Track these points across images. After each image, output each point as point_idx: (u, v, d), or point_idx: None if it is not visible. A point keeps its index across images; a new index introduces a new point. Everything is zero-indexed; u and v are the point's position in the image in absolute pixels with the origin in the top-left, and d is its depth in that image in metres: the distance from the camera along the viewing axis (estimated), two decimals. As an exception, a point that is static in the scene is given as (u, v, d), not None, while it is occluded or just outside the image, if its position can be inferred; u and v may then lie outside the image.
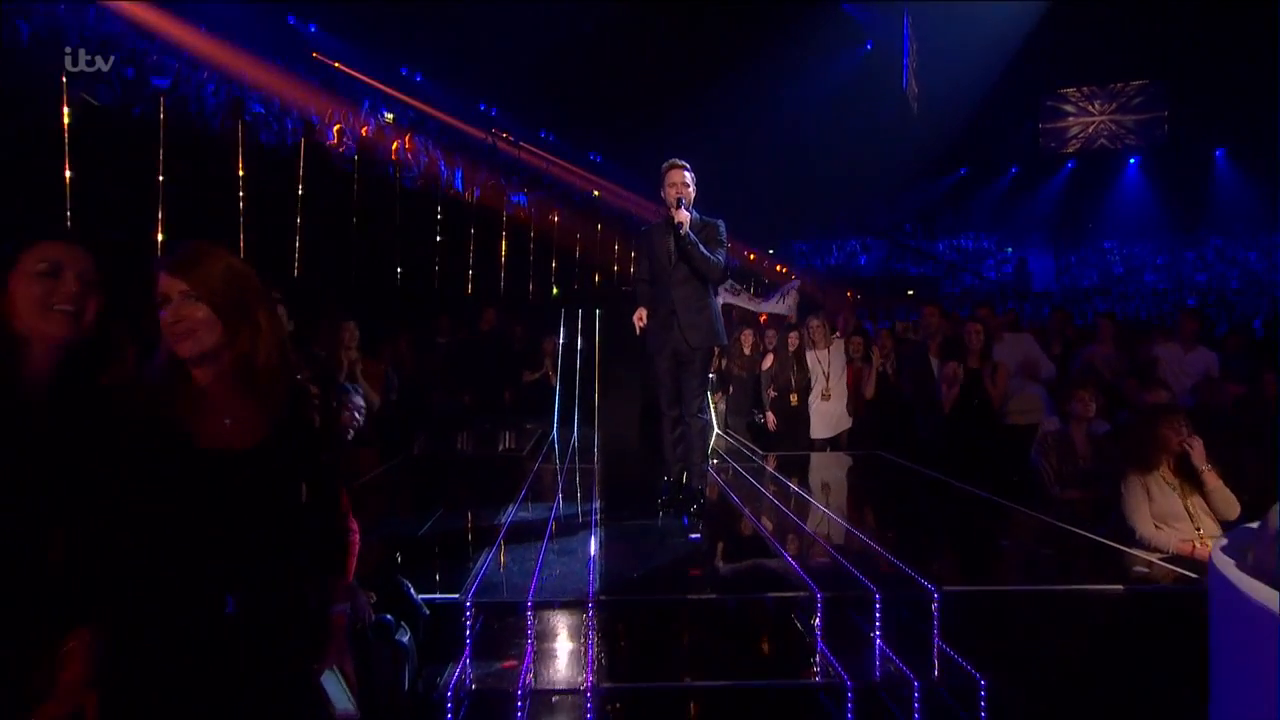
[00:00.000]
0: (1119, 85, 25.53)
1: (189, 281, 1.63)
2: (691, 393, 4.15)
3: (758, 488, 5.04)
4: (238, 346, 1.67)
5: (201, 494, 1.58)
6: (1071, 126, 26.49)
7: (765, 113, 23.46)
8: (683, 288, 4.04)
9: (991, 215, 27.64)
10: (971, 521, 4.33)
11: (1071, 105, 26.39)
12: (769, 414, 6.90)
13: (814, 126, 24.35)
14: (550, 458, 6.23)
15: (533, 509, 4.39)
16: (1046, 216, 26.79)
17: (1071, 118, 26.47)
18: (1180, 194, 24.37)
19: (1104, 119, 26.02)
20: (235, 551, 1.62)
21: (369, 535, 3.70)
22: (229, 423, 1.67)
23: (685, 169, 4.08)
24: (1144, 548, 3.52)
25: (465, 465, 6.20)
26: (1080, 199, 26.26)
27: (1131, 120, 25.56)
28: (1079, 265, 24.84)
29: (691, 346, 4.01)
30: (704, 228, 4.09)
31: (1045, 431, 4.61)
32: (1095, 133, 26.20)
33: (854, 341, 7.16)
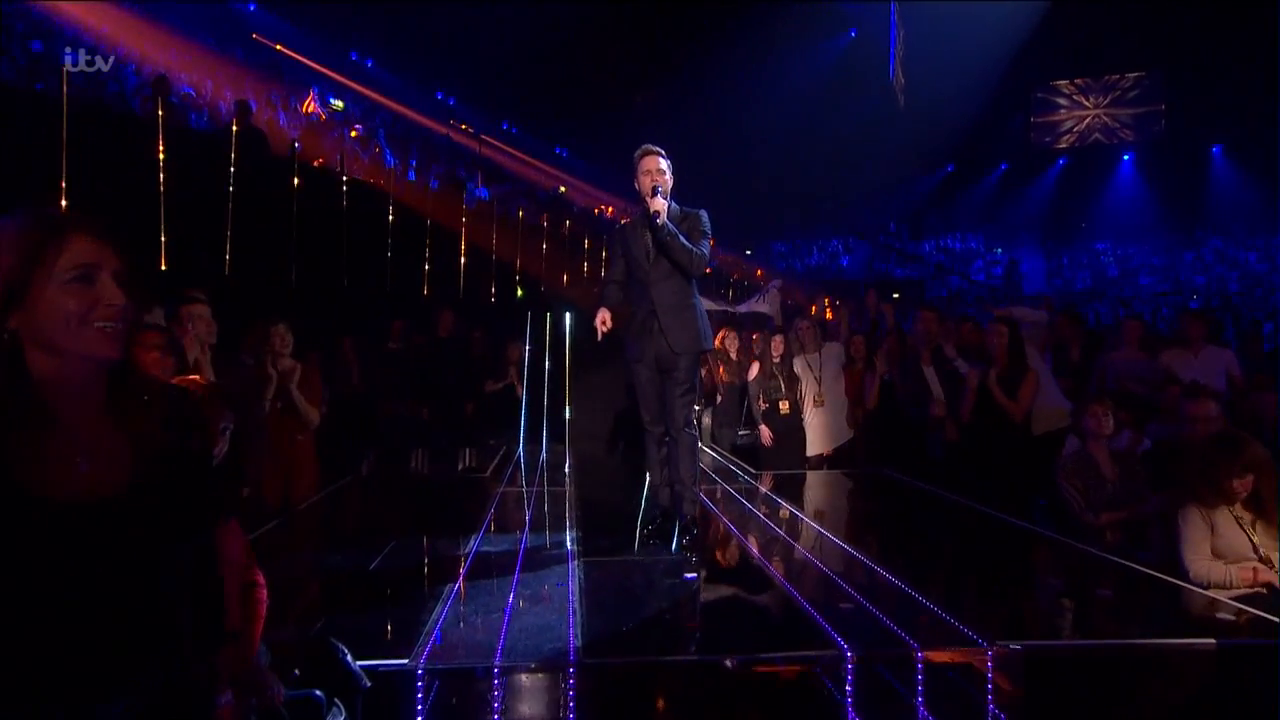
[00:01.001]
0: (1114, 77, 25.71)
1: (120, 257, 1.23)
2: (677, 405, 3.90)
3: (756, 514, 4.69)
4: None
5: (43, 562, 1.16)
6: (1064, 120, 26.64)
7: (741, 105, 23.29)
8: (663, 285, 3.84)
9: (980, 214, 27.72)
10: (1009, 556, 4.05)
11: (1064, 98, 26.55)
12: (763, 428, 6.59)
13: (793, 119, 24.22)
14: (516, 479, 5.89)
15: (498, 542, 4.01)
16: (1037, 216, 26.93)
17: (1064, 111, 26.63)
18: (1176, 192, 24.60)
19: (1099, 112, 26.21)
20: (96, 645, 1.19)
21: (299, 582, 3.34)
22: (84, 463, 1.23)
23: (660, 155, 3.91)
24: (1200, 585, 3.23)
25: (419, 489, 5.88)
26: (1072, 197, 26.42)
27: (1127, 114, 25.75)
28: (1071, 267, 24.95)
29: (674, 351, 3.80)
30: (684, 219, 3.91)
31: (1065, 454, 4.32)
32: (1089, 127, 26.39)
33: (854, 342, 6.92)
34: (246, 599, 2.28)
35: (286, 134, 9.43)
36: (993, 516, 4.40)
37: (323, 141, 10.29)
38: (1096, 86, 26.17)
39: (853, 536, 4.13)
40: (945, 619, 2.77)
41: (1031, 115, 26.93)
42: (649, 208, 3.78)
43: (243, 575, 2.29)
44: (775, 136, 23.85)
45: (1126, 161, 26.31)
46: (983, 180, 28.04)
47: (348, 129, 11.22)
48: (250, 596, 2.29)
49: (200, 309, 3.87)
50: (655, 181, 3.82)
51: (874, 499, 5.29)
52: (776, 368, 6.64)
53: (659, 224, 3.73)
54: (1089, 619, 3.15)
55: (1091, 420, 4.11)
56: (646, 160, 3.89)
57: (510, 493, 5.33)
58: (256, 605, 2.29)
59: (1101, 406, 4.09)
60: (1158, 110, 25.11)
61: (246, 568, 2.32)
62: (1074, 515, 4.17)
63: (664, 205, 3.77)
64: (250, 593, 2.30)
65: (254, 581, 2.33)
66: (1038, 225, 26.82)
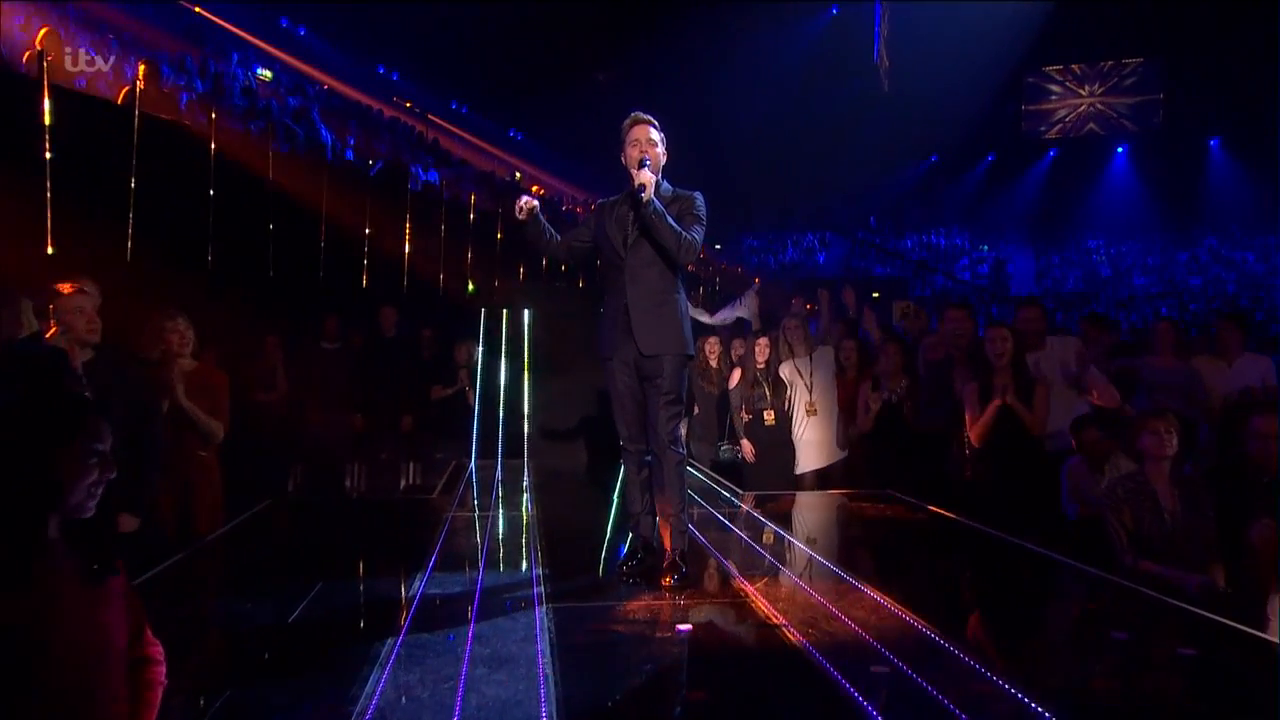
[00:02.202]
0: (1110, 63, 26.00)
1: None
2: (661, 417, 3.60)
3: (753, 546, 4.33)
4: None
5: None
6: (1058, 109, 26.94)
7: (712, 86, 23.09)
8: (641, 275, 3.58)
9: (965, 209, 27.89)
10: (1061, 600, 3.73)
11: (1058, 85, 26.82)
12: (744, 442, 6.28)
13: (768, 103, 24.13)
14: (468, 501, 5.51)
15: (448, 583, 3.61)
16: (1026, 211, 27.16)
17: (1057, 99, 26.88)
18: (1172, 187, 24.98)
19: (1094, 101, 26.48)
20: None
21: (196, 640, 2.92)
22: None
23: (652, 125, 3.67)
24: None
25: (353, 514, 5.46)
26: (1063, 192, 26.69)
27: (1124, 103, 26.07)
28: (1061, 266, 25.17)
29: (644, 354, 3.55)
30: (675, 200, 3.66)
31: (1114, 479, 4.00)
32: (1084, 116, 26.64)
33: (845, 347, 6.61)
34: (137, 681, 1.83)
35: (200, 105, 8.85)
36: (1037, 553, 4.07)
37: (248, 115, 9.72)
38: (1092, 73, 26.49)
39: (874, 575, 3.77)
40: (1002, 688, 2.41)
41: (1023, 103, 27.16)
42: (634, 181, 3.50)
43: (132, 649, 1.83)
44: (748, 121, 23.74)
45: (1120, 154, 26.63)
46: (968, 172, 28.26)
47: (276, 100, 10.67)
48: (142, 677, 1.84)
49: (78, 300, 3.37)
50: (644, 153, 3.58)
51: (888, 527, 4.95)
52: (761, 374, 6.32)
53: (644, 199, 3.44)
54: (1165, 687, 2.82)
55: (1151, 439, 3.79)
56: (636, 130, 3.66)
57: (461, 519, 4.93)
58: (150, 689, 1.84)
59: (1163, 423, 3.78)
60: (1156, 100, 25.50)
61: (136, 638, 1.86)
62: (1114, 553, 3.88)
63: (652, 180, 3.49)
64: (142, 672, 1.84)
65: (147, 657, 1.87)
66: (1026, 221, 27.07)
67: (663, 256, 3.56)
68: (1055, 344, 5.09)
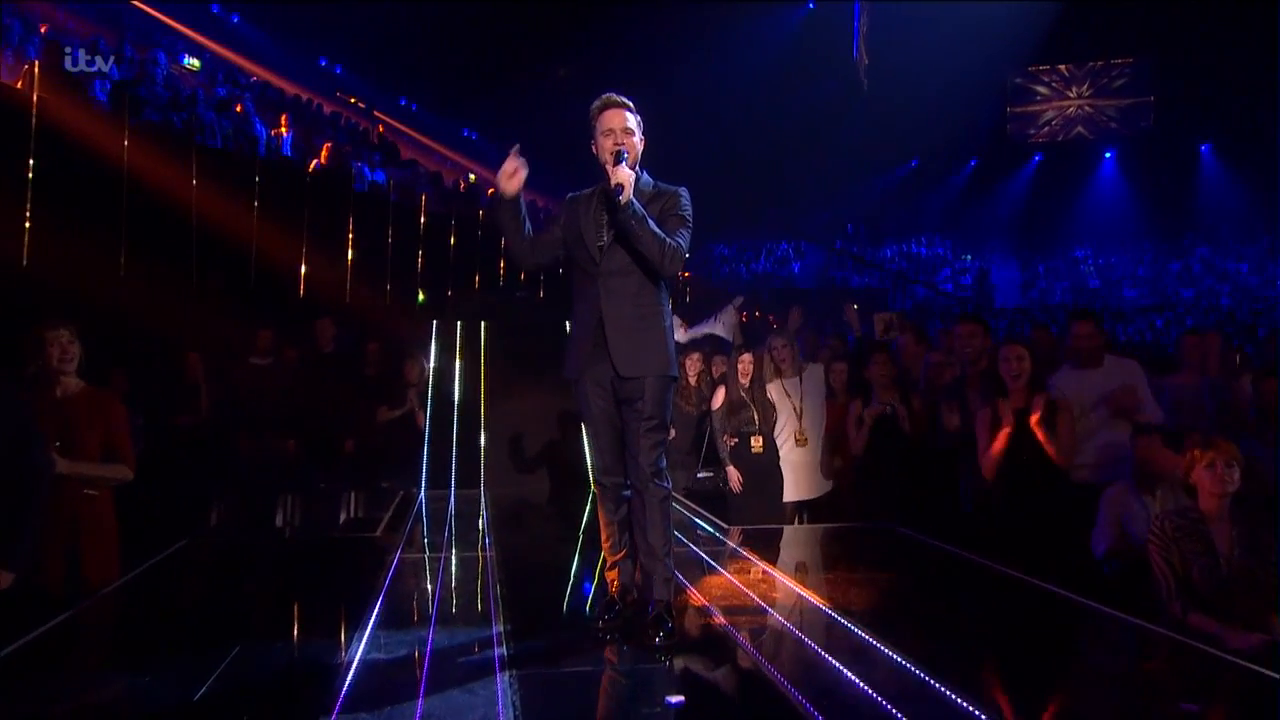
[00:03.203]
0: (1099, 64, 26.32)
1: None
2: (643, 446, 3.33)
3: (748, 594, 4.01)
4: None
5: None
6: (1045, 111, 27.21)
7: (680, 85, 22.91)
8: (617, 285, 3.32)
9: (946, 216, 28.03)
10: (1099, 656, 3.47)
11: (1044, 86, 27.09)
12: (731, 470, 6.03)
13: (740, 102, 24.07)
14: (417, 538, 5.18)
15: (393, 644, 3.25)
16: (1010, 219, 27.36)
17: (1044, 101, 27.15)
18: (1162, 194, 25.33)
19: (1082, 103, 26.77)
20: None
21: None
22: None
23: (628, 109, 3.38)
24: None
25: (284, 555, 5.08)
26: (1049, 199, 26.93)
27: (1113, 105, 26.38)
28: (1048, 277, 25.35)
29: (622, 376, 3.29)
30: (657, 197, 3.38)
31: (1163, 513, 3.72)
32: (1072, 119, 26.93)
33: (836, 369, 6.44)
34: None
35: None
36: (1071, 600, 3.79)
37: (171, 104, 9.32)
38: (1080, 74, 26.81)
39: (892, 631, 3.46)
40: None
41: (1008, 104, 27.37)
42: (609, 179, 3.20)
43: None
44: (719, 121, 23.65)
45: (1108, 159, 26.95)
46: (951, 178, 28.45)
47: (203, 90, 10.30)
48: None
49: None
50: (619, 144, 3.28)
51: (897, 568, 4.65)
52: (747, 394, 6.08)
53: (621, 201, 3.14)
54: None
55: (1208, 474, 3.52)
56: (609, 115, 3.36)
57: (409, 561, 4.57)
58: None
59: (1224, 454, 3.51)
60: (1146, 102, 25.84)
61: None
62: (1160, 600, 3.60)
63: (630, 177, 3.20)
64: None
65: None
66: (1011, 229, 27.25)
67: (641, 264, 3.29)
68: (1113, 364, 4.90)
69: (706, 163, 23.98)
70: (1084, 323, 4.97)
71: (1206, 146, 25.37)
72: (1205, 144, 25.38)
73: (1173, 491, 4.06)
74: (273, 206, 8.87)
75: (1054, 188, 27.00)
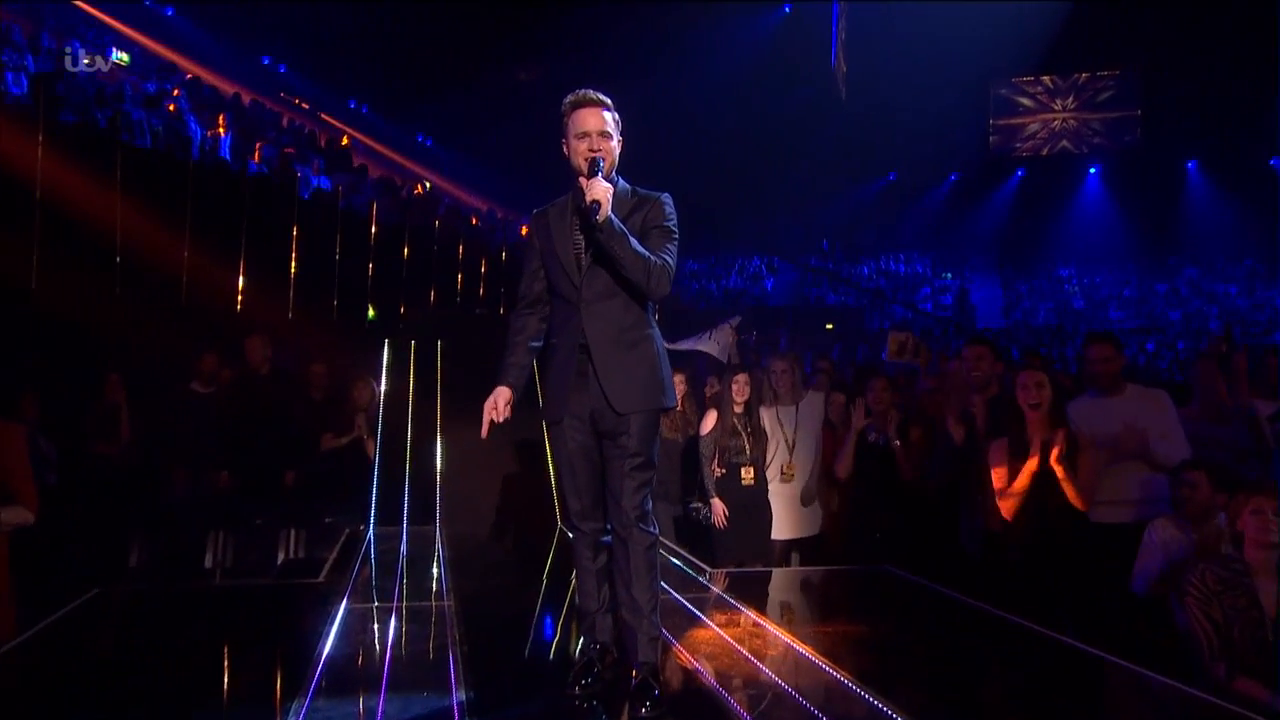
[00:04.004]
0: (1085, 76, 26.71)
1: None
2: (627, 487, 3.16)
3: (733, 646, 3.80)
4: None
5: None
6: (1028, 124, 27.54)
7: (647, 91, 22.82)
8: (601, 309, 3.17)
9: (925, 232, 28.26)
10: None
11: (1028, 98, 27.44)
12: (715, 502, 5.80)
13: (711, 111, 24.13)
14: (365, 588, 4.89)
15: (337, 713, 2.99)
16: (992, 236, 27.62)
17: (1028, 113, 27.49)
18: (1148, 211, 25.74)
19: (1067, 116, 27.14)
20: None
21: None
22: None
23: (605, 107, 3.20)
24: None
25: (212, 606, 4.82)
26: (1032, 215, 27.25)
27: (1098, 119, 26.79)
28: (1031, 297, 25.59)
29: (617, 411, 3.12)
30: (638, 206, 3.23)
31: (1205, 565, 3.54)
32: (1057, 132, 27.27)
33: (836, 401, 6.28)
34: None
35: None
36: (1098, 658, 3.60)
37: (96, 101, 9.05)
38: (1065, 86, 27.20)
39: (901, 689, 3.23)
40: None
41: (991, 117, 27.71)
42: (584, 193, 3.01)
43: None
44: (689, 130, 23.66)
45: (1093, 175, 27.34)
46: (930, 192, 28.68)
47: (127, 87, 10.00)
48: None
49: None
50: (595, 150, 3.11)
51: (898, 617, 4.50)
52: (740, 420, 5.85)
53: (599, 220, 2.95)
54: None
55: (1254, 520, 3.36)
56: (583, 115, 3.16)
57: (356, 613, 4.29)
58: None
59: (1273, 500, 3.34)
60: (1133, 116, 26.24)
61: None
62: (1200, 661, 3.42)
63: (608, 191, 3.00)
64: None
65: None
66: (992, 246, 27.50)
67: (624, 284, 3.11)
68: (1137, 394, 4.76)
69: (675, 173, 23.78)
70: (1101, 345, 4.81)
71: (1193, 163, 25.82)
72: (1191, 161, 25.82)
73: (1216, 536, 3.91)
74: (207, 214, 8.64)
75: (1037, 204, 27.33)
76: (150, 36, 16.33)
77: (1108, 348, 4.78)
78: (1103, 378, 4.67)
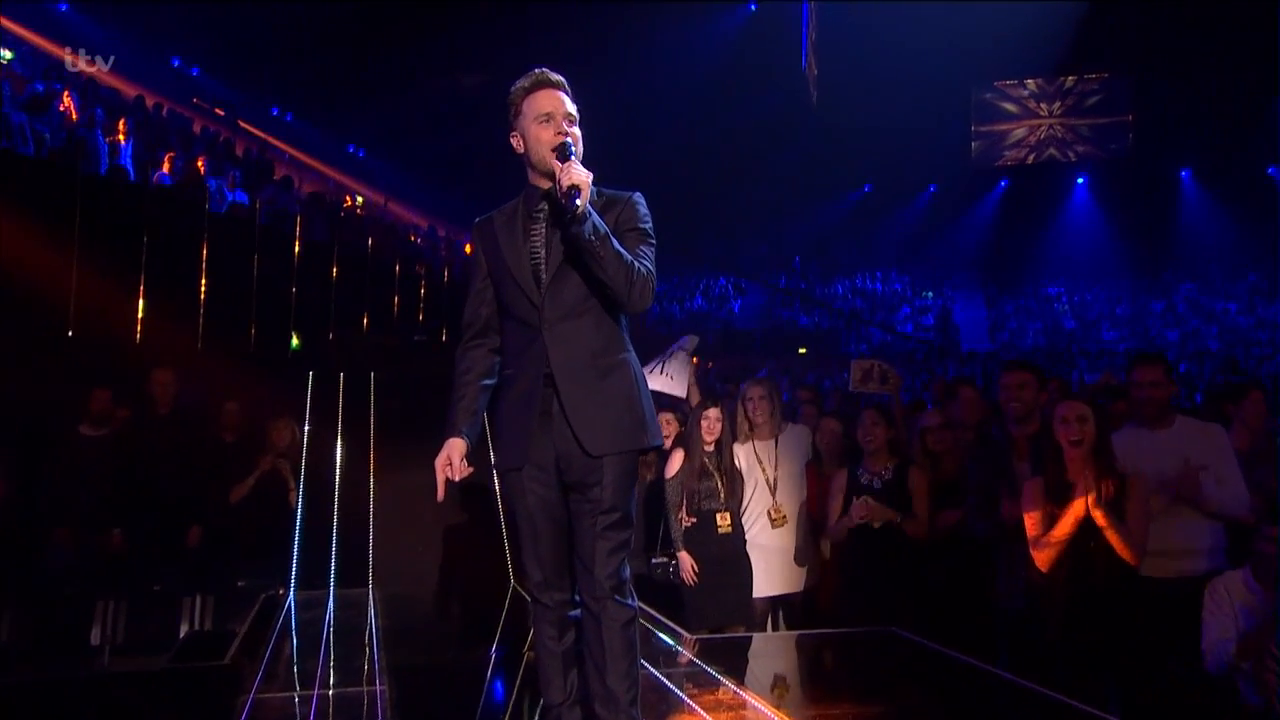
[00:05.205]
0: (1072, 79, 27.25)
1: None
2: (599, 550, 2.93)
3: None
4: None
5: None
6: (1012, 131, 28.03)
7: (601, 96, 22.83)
8: (568, 329, 2.96)
9: (904, 248, 28.61)
10: None
11: (1012, 103, 27.92)
12: (682, 556, 5.55)
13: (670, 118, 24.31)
14: (282, 670, 4.60)
15: None
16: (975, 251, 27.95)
17: (1012, 119, 27.95)
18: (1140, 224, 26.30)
19: (1053, 121, 27.61)
20: None
21: None
22: None
23: (566, 91, 3.07)
24: None
25: (94, 695, 4.48)
26: (1017, 228, 27.67)
27: (1087, 125, 27.29)
28: (1018, 316, 25.85)
29: (589, 453, 2.89)
30: (609, 207, 3.04)
31: None
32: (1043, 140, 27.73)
33: (826, 428, 6.13)
34: None
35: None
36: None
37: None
38: (1052, 90, 27.77)
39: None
40: None
41: (973, 123, 28.17)
42: (559, 181, 2.81)
43: None
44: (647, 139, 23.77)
45: (1081, 185, 27.81)
46: (907, 204, 29.02)
47: (6, 87, 9.74)
48: None
49: None
50: (563, 133, 2.95)
51: (918, 692, 4.26)
52: (711, 459, 5.62)
53: (578, 211, 2.74)
54: None
55: None
56: (542, 97, 2.99)
57: (270, 706, 3.97)
58: None
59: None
60: (1123, 121, 26.83)
61: None
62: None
63: (588, 178, 2.82)
64: None
65: None
66: (975, 263, 27.80)
67: (599, 297, 2.90)
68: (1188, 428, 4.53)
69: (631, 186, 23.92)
70: (1149, 367, 4.55)
71: (1186, 172, 26.31)
72: (1185, 170, 26.32)
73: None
74: (102, 231, 8.43)
75: (1022, 216, 27.81)
76: (39, 33, 16.04)
77: (1157, 370, 4.53)
78: (1150, 405, 4.44)
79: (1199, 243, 25.61)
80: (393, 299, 12.47)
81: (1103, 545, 3.96)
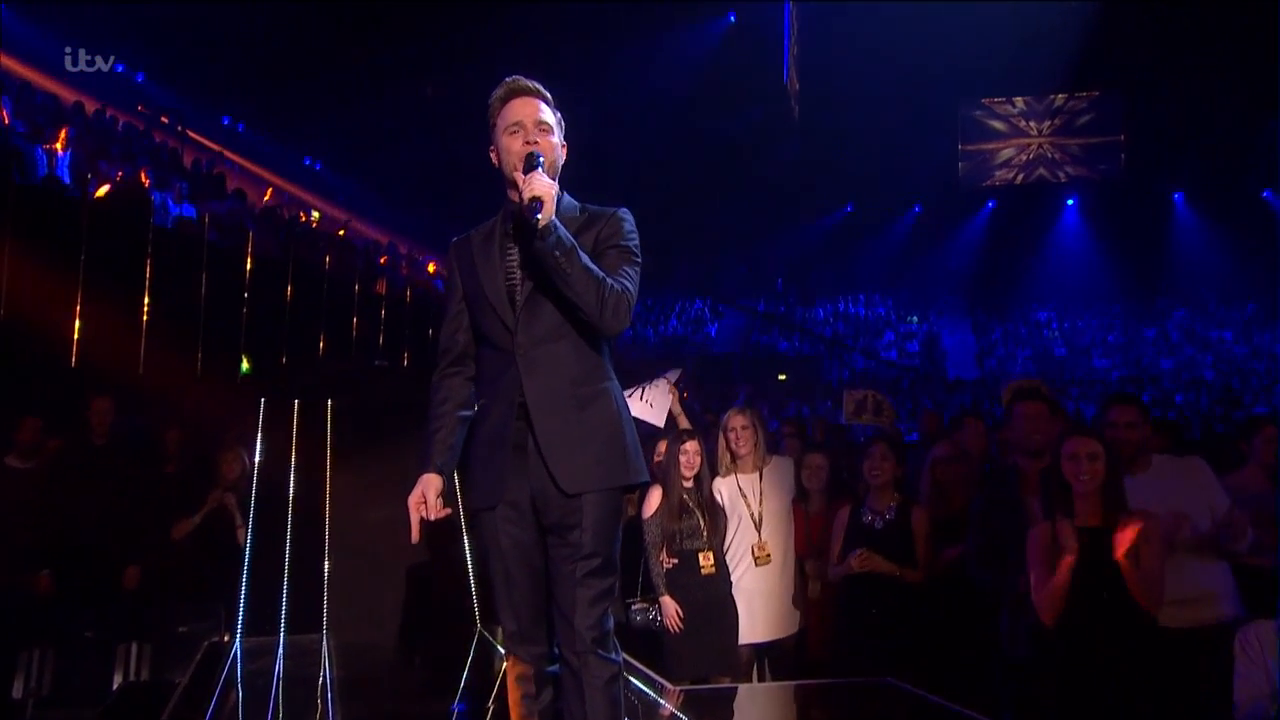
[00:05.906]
0: (1063, 97, 27.62)
1: None
2: (580, 599, 2.87)
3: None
4: None
5: None
6: (1000, 150, 28.35)
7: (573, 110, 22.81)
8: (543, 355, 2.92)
9: (888, 270, 28.76)
10: None
11: (1001, 121, 28.23)
12: (665, 601, 5.46)
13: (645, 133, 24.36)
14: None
15: None
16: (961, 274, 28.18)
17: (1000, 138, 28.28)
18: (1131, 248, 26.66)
19: (1043, 140, 27.94)
20: None
21: None
22: None
23: (542, 99, 3.06)
24: None
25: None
26: (1004, 251, 27.90)
27: (1077, 144, 27.63)
28: (1006, 343, 26.05)
29: (565, 492, 2.84)
30: (590, 223, 3.02)
31: None
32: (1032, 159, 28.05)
33: (811, 463, 6.00)
34: None
35: None
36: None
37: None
38: (1041, 108, 28.14)
39: None
40: None
41: (960, 141, 28.48)
42: (522, 193, 2.79)
43: None
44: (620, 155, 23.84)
45: (1071, 206, 28.13)
46: (891, 226, 29.26)
47: None
48: None
49: None
50: (532, 143, 2.92)
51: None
52: (691, 495, 5.56)
53: (539, 223, 2.71)
54: None
55: None
56: (516, 106, 2.99)
57: None
58: None
59: None
60: (1114, 141, 27.21)
61: None
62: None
63: (551, 189, 2.80)
64: None
65: None
66: (962, 287, 28.01)
67: (576, 320, 2.84)
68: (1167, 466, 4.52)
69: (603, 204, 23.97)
70: (1124, 407, 4.56)
71: (1179, 195, 26.68)
72: (1178, 192, 26.69)
73: None
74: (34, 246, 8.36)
75: (1010, 239, 28.12)
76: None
77: (1132, 411, 4.55)
78: (1126, 447, 4.39)
79: (1193, 268, 26.00)
80: (351, 321, 12.43)
81: (1117, 592, 3.88)
